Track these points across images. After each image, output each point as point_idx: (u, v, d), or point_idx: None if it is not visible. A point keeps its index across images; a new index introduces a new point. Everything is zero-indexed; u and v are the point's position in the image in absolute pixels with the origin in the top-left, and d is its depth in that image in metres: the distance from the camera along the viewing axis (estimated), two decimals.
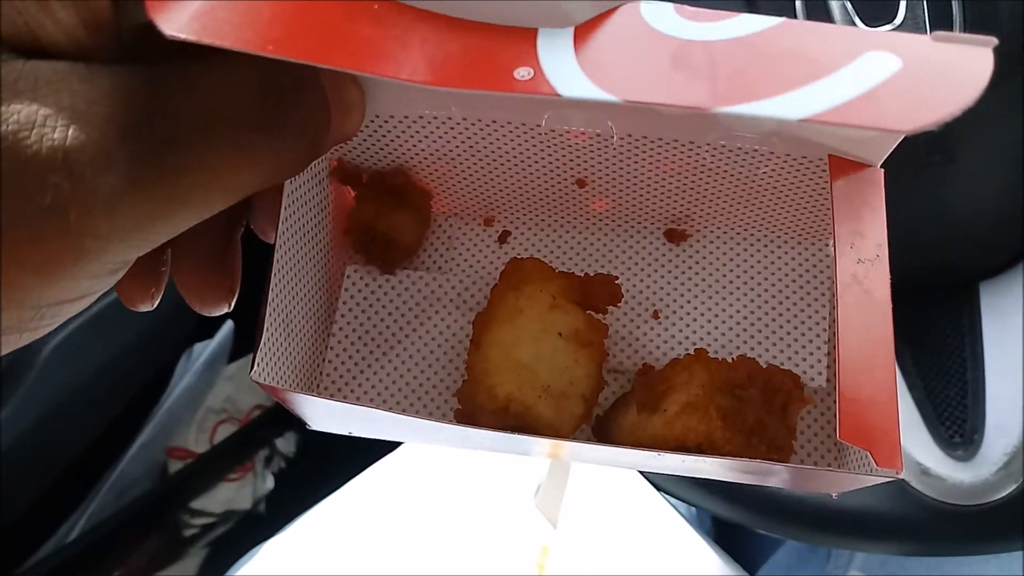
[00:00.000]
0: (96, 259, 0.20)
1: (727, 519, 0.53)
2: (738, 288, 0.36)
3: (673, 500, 0.57)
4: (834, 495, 0.28)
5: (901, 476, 0.23)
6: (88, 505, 0.80)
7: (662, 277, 0.36)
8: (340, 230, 0.36)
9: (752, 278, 0.36)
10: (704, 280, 0.36)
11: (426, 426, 0.27)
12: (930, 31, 0.27)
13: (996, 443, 0.48)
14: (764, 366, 0.30)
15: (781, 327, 0.35)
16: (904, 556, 0.59)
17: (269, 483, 0.91)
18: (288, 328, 0.29)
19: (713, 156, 0.32)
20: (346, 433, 0.30)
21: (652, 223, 0.37)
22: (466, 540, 0.57)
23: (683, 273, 0.36)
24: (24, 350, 0.64)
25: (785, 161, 0.32)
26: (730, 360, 0.30)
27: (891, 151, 0.28)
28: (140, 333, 0.74)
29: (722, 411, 0.28)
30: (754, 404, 0.28)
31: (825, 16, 0.47)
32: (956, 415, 0.51)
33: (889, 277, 0.26)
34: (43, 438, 0.67)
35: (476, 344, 0.31)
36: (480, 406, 0.30)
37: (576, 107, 0.31)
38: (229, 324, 0.91)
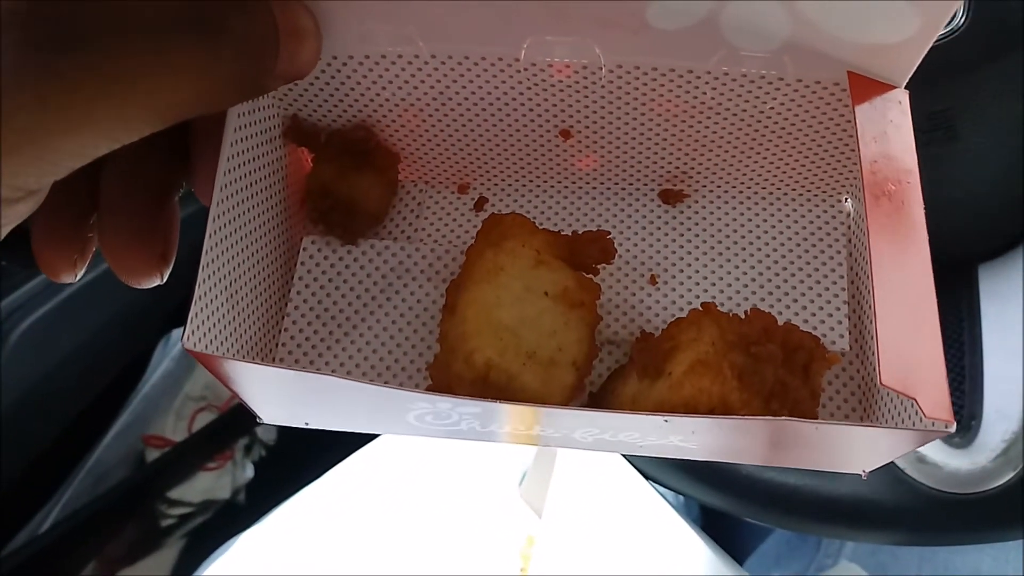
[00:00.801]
0: None
1: (716, 508, 0.51)
2: (743, 249, 0.32)
3: (661, 489, 0.55)
4: (864, 474, 0.25)
5: (952, 430, 0.20)
6: (63, 494, 0.78)
7: (658, 240, 0.33)
8: (297, 201, 0.32)
9: (759, 238, 0.33)
10: (705, 242, 0.33)
11: (392, 398, 0.23)
12: None
13: (994, 429, 0.47)
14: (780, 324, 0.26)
15: (794, 288, 0.31)
16: (899, 546, 0.58)
17: (249, 472, 0.89)
18: (233, 301, 0.26)
19: (714, 90, 0.29)
20: (301, 424, 0.27)
21: (645, 183, 0.34)
22: (450, 530, 0.56)
23: (681, 236, 0.33)
24: None
25: (796, 90, 0.28)
26: (742, 315, 0.26)
27: (915, 68, 0.25)
28: (114, 318, 0.72)
29: (737, 370, 0.24)
30: (773, 362, 0.24)
31: None
32: (953, 401, 0.49)
33: (922, 203, 0.24)
34: (13, 425, 0.65)
35: (450, 309, 0.28)
36: (457, 376, 0.26)
37: (559, 29, 0.27)
38: None
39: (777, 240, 0.33)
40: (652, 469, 0.52)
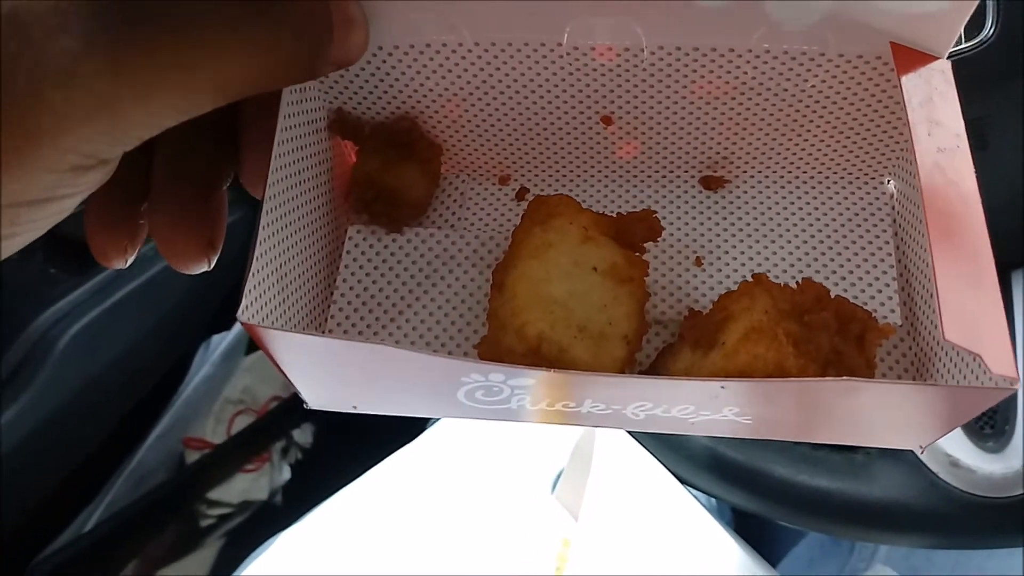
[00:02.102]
0: (52, 143, 0.17)
1: (750, 511, 0.52)
2: (787, 231, 0.32)
3: (694, 492, 0.56)
4: (920, 450, 0.25)
5: (1017, 387, 0.20)
6: (105, 495, 0.80)
7: (701, 224, 0.33)
8: (342, 192, 0.33)
9: (803, 219, 0.32)
10: (749, 224, 0.33)
11: (444, 369, 0.23)
12: None
13: None
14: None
15: (841, 267, 0.31)
16: (932, 549, 0.58)
17: (286, 474, 0.91)
18: (283, 287, 0.27)
19: (755, 69, 0.29)
20: (349, 409, 0.27)
21: (686, 169, 0.34)
22: (485, 531, 0.57)
23: (724, 219, 0.33)
24: (41, 339, 0.64)
25: (837, 66, 0.28)
26: (794, 285, 0.26)
27: (956, 37, 0.25)
28: (158, 323, 0.74)
29: (792, 337, 0.24)
30: (828, 331, 0.24)
31: None
32: None
33: (973, 170, 0.24)
34: (61, 428, 0.67)
35: (498, 287, 0.28)
36: (508, 350, 0.26)
37: (601, 11, 0.27)
38: None
39: (821, 221, 0.32)
40: (686, 472, 0.53)
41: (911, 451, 0.49)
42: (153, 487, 0.81)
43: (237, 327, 0.90)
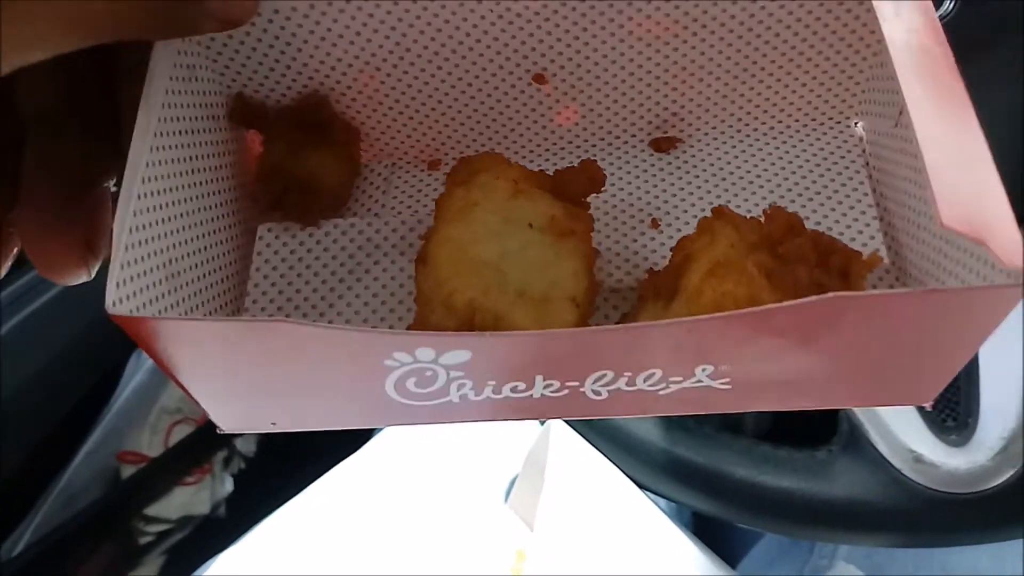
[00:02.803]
0: None
1: (709, 514, 0.50)
2: (751, 183, 0.30)
3: (652, 496, 0.54)
4: (929, 406, 0.22)
5: None
6: (32, 519, 0.76)
7: (655, 187, 0.30)
8: (250, 187, 0.30)
9: (767, 171, 0.30)
10: (708, 182, 0.30)
11: (367, 348, 0.20)
12: None
13: (992, 427, 0.46)
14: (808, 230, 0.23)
15: (815, 212, 0.28)
16: (897, 548, 0.57)
17: (228, 486, 0.87)
18: (175, 288, 0.23)
19: (704, 0, 0.26)
20: (267, 427, 0.23)
21: (633, 132, 0.31)
22: (437, 544, 0.54)
23: (680, 179, 0.30)
24: None
25: None
26: (760, 217, 0.23)
27: None
28: (83, 331, 0.70)
29: (765, 269, 0.20)
30: (806, 262, 0.21)
31: None
32: (949, 397, 0.48)
33: (957, 68, 0.21)
34: None
35: (421, 260, 0.24)
36: (436, 327, 0.23)
37: None
38: None
39: (788, 170, 0.30)
40: (643, 476, 0.51)
41: (873, 447, 0.47)
42: (85, 506, 0.77)
43: None
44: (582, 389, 0.21)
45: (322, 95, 0.30)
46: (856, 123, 0.31)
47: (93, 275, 0.22)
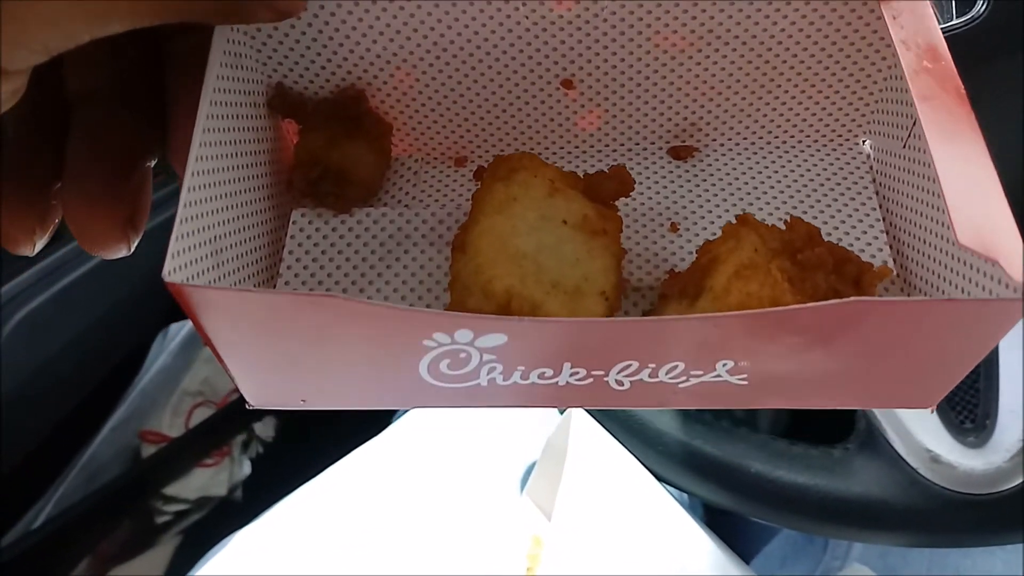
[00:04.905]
0: None
1: (725, 507, 0.50)
2: (765, 193, 0.31)
3: (670, 489, 0.54)
4: (932, 410, 0.23)
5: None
6: (56, 490, 0.77)
7: (674, 192, 0.31)
8: (286, 173, 0.31)
9: (779, 183, 0.31)
10: (724, 190, 0.31)
11: (405, 326, 0.20)
12: None
13: (1010, 429, 0.46)
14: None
15: (825, 224, 0.30)
16: (911, 547, 0.57)
17: (246, 469, 0.88)
18: (218, 264, 0.24)
19: (722, 13, 0.28)
20: (297, 404, 0.24)
21: (653, 140, 0.32)
22: (453, 531, 0.55)
23: (697, 187, 0.31)
24: None
25: (808, 5, 0.28)
26: (782, 225, 0.24)
27: None
28: (111, 310, 0.71)
29: (787, 274, 0.22)
30: (824, 268, 0.23)
31: None
32: (967, 400, 0.49)
33: (962, 87, 0.23)
34: (6, 419, 0.64)
35: (460, 249, 0.25)
36: (474, 311, 0.24)
37: None
38: None
39: (799, 183, 0.31)
40: (661, 468, 0.51)
41: (890, 446, 0.48)
42: (107, 482, 0.78)
43: None
44: (606, 379, 0.22)
45: (359, 89, 0.31)
46: (864, 141, 0.32)
47: (132, 250, 0.23)
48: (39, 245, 0.23)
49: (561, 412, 0.51)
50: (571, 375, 0.22)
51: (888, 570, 0.59)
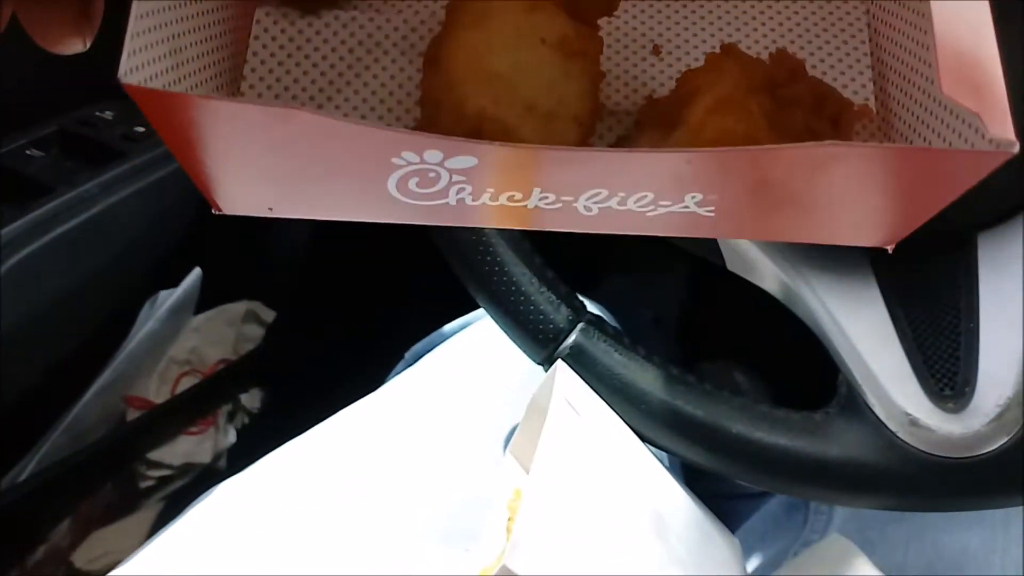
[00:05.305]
0: None
1: (705, 467, 0.51)
2: (754, 19, 0.30)
3: (653, 449, 0.55)
4: (890, 249, 0.23)
5: (1015, 151, 0.18)
6: (39, 448, 0.76)
7: (659, 12, 0.30)
8: None
9: (770, 7, 0.30)
10: (711, 13, 0.30)
11: (374, 144, 0.20)
12: None
13: (989, 394, 0.47)
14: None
15: (812, 55, 0.29)
16: (890, 510, 0.57)
17: (231, 438, 0.89)
18: (177, 65, 0.23)
19: None
20: (264, 211, 0.23)
21: None
22: (436, 486, 0.55)
23: (685, 7, 0.30)
24: None
25: None
26: (767, 57, 0.24)
27: None
28: (102, 268, 0.70)
29: (765, 110, 0.22)
30: (802, 106, 0.22)
31: None
32: (947, 368, 0.49)
33: None
34: None
35: (431, 62, 0.25)
36: (443, 130, 0.22)
37: None
38: (197, 272, 0.88)
39: (790, 9, 0.30)
40: (643, 427, 0.51)
41: (870, 410, 0.48)
42: (91, 443, 0.78)
43: (186, 284, 0.88)
44: (575, 204, 0.22)
45: None
46: None
47: (88, 46, 0.22)
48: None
49: (546, 369, 0.51)
50: (540, 199, 0.22)
51: (866, 545, 0.59)
